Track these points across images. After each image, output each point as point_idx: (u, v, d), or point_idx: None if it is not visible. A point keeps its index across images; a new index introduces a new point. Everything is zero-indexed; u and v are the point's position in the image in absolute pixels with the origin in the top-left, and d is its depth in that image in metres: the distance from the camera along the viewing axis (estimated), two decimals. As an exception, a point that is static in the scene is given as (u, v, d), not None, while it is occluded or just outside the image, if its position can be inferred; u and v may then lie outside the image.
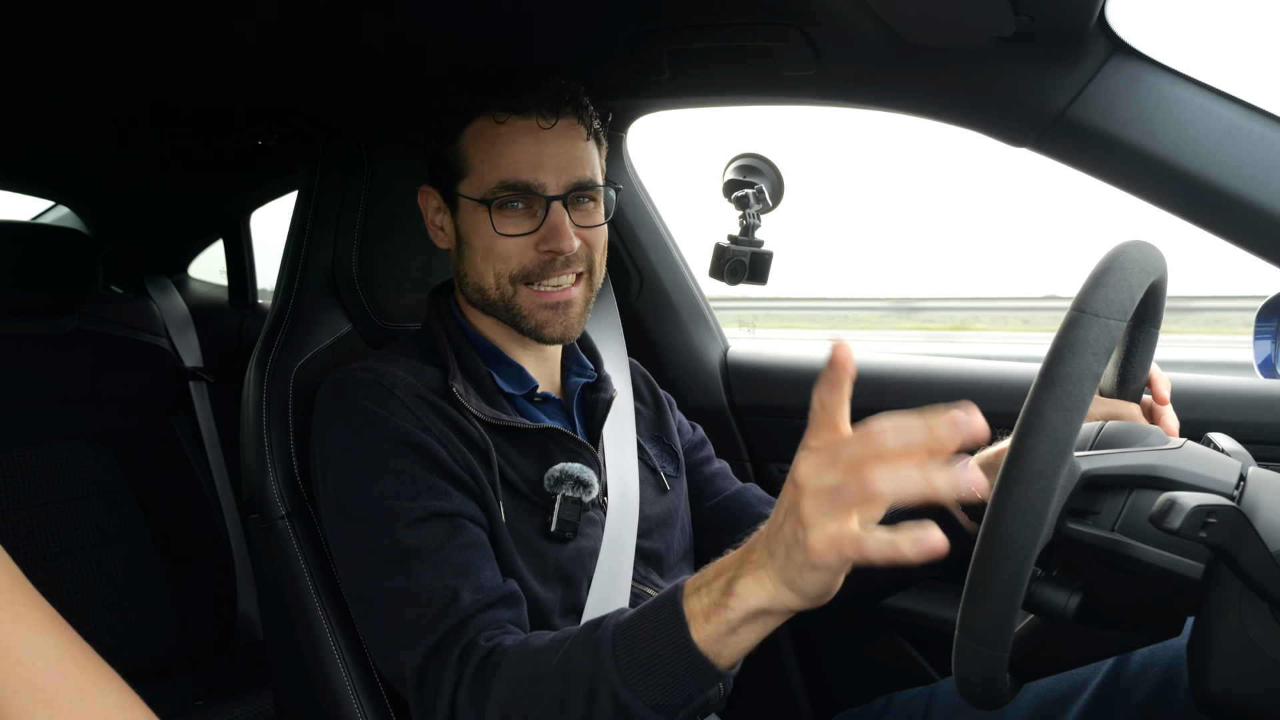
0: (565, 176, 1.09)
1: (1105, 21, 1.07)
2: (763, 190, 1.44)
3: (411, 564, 0.97)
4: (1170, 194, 1.08)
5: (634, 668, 0.81)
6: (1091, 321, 0.70)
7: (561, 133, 1.09)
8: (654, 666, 0.80)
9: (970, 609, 0.71)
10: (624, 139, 1.69)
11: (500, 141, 1.08)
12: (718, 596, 0.76)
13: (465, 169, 1.10)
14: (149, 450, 2.21)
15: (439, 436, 1.04)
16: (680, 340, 1.79)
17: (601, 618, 0.87)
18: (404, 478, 1.01)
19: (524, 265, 1.09)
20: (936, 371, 1.58)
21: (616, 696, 0.81)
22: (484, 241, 1.10)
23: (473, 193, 1.10)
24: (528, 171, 1.07)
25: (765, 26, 1.19)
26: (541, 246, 1.08)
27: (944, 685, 1.24)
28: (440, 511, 1.00)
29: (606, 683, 0.81)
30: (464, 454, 1.05)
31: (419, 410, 1.05)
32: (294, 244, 1.30)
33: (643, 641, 0.81)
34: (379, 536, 0.99)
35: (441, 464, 1.02)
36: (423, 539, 0.98)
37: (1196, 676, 0.72)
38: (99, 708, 0.54)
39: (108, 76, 1.45)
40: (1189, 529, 0.65)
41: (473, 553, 0.99)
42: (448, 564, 0.97)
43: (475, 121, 1.10)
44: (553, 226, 1.08)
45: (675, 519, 1.25)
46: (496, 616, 0.96)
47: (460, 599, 0.94)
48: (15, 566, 0.56)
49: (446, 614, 0.94)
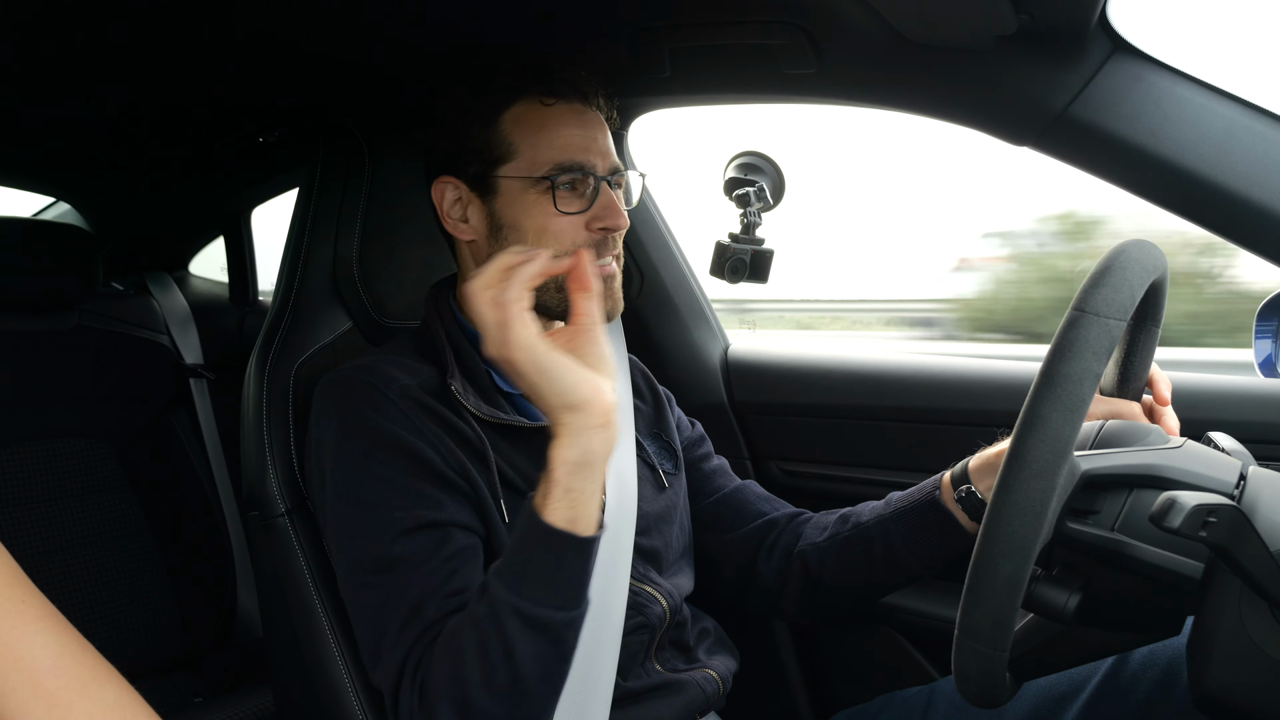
0: (608, 159, 1.12)
1: (1106, 20, 1.06)
2: (764, 188, 1.43)
3: (398, 573, 0.98)
4: (1171, 193, 1.08)
5: (515, 578, 0.88)
6: (1092, 321, 0.70)
7: (597, 118, 1.13)
8: (529, 568, 0.88)
9: (970, 608, 0.71)
10: (625, 137, 1.69)
11: (550, 124, 1.09)
12: (542, 482, 0.90)
13: (510, 152, 1.10)
14: (149, 447, 2.21)
15: (433, 441, 1.04)
16: (681, 338, 1.79)
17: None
18: (395, 486, 1.01)
19: (576, 243, 1.09)
20: (937, 371, 1.58)
21: (518, 612, 0.87)
22: (538, 221, 1.09)
23: (524, 173, 1.09)
24: (580, 153, 1.09)
25: (767, 25, 1.19)
26: (595, 224, 1.10)
27: (943, 684, 1.24)
28: (432, 521, 1.00)
29: (504, 606, 0.87)
30: (459, 458, 1.04)
31: (413, 414, 1.04)
32: (295, 241, 1.30)
33: (513, 556, 0.90)
34: (368, 545, 1.00)
35: (434, 470, 1.02)
36: (411, 549, 0.98)
37: (1196, 676, 0.73)
38: (98, 704, 0.54)
39: (109, 73, 1.45)
40: (1189, 528, 0.64)
41: (458, 562, 1.00)
42: (433, 574, 0.98)
43: (517, 105, 1.10)
44: (606, 205, 1.10)
45: (674, 516, 1.24)
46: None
47: (425, 610, 0.96)
48: (15, 563, 0.56)
49: (415, 618, 0.96)
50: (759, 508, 1.31)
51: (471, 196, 1.13)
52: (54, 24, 1.23)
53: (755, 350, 1.80)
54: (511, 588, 0.88)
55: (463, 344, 1.14)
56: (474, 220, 1.14)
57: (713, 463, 1.38)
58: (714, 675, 1.18)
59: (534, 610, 0.87)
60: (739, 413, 1.75)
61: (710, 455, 1.39)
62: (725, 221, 1.48)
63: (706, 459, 1.38)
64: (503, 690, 0.88)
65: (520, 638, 0.87)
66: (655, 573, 1.18)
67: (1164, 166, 1.06)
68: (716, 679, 1.18)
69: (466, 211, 1.14)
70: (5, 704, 0.51)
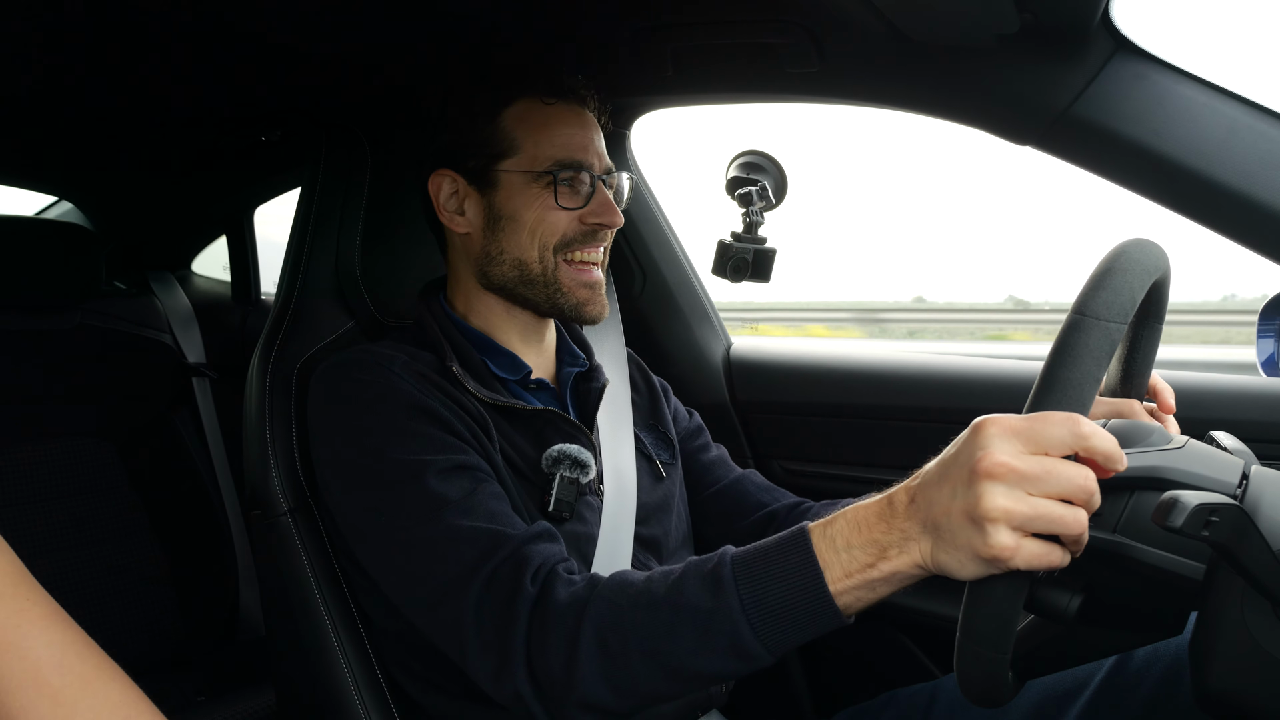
0: (603, 160, 1.17)
1: (1109, 19, 1.06)
2: (766, 187, 1.44)
3: (445, 510, 0.96)
4: (1173, 192, 1.08)
5: (760, 608, 0.80)
6: (1092, 325, 0.70)
7: (592, 120, 1.18)
8: (782, 609, 0.79)
9: (971, 612, 0.71)
10: (628, 135, 1.69)
11: (552, 122, 1.14)
12: (864, 558, 0.76)
13: (511, 147, 1.14)
14: (152, 446, 2.21)
15: (444, 406, 1.05)
16: (683, 337, 1.79)
17: (706, 556, 0.86)
18: (423, 438, 1.01)
19: (566, 235, 1.14)
20: (940, 370, 1.58)
21: (736, 633, 0.80)
22: (536, 214, 1.13)
23: (525, 168, 1.13)
24: (579, 152, 1.14)
25: (770, 24, 1.20)
26: (590, 219, 1.14)
27: (946, 682, 1.24)
28: (465, 464, 1.01)
29: (727, 619, 0.80)
30: (470, 424, 1.06)
31: (421, 385, 1.06)
32: (297, 240, 1.30)
33: (770, 584, 0.80)
34: (405, 491, 0.98)
35: (453, 428, 1.04)
36: (451, 488, 0.98)
37: (1199, 675, 0.72)
38: (103, 702, 0.54)
39: (111, 73, 1.46)
40: (1191, 528, 0.64)
41: (501, 503, 1.00)
42: (479, 510, 0.97)
43: (519, 102, 1.15)
44: (603, 202, 1.15)
45: (672, 505, 1.26)
46: (549, 550, 0.95)
47: (506, 533, 0.94)
48: (19, 561, 0.57)
49: (497, 547, 0.93)
50: (759, 499, 1.31)
51: (469, 190, 1.16)
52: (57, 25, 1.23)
53: (757, 349, 1.80)
54: (747, 611, 0.80)
55: (457, 338, 1.16)
56: (470, 213, 1.17)
57: (712, 453, 1.39)
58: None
59: (752, 644, 0.80)
60: (741, 411, 1.75)
61: (709, 446, 1.39)
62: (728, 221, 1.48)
63: (705, 449, 1.38)
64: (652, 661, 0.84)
65: (716, 649, 0.82)
66: (655, 561, 1.19)
67: (1167, 165, 1.06)
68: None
69: (463, 204, 1.17)
70: (10, 702, 0.51)
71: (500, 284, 1.16)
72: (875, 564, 0.75)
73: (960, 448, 0.72)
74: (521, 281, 1.15)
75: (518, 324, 1.19)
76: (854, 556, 0.77)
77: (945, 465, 0.72)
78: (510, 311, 1.19)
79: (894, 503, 0.76)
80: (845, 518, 0.79)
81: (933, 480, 0.73)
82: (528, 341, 1.21)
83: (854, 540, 0.77)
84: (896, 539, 0.74)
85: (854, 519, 0.78)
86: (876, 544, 0.76)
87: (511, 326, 1.19)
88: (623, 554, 1.13)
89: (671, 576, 0.86)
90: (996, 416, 0.70)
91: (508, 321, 1.19)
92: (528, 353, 1.20)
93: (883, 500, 0.77)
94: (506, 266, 1.15)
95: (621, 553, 1.13)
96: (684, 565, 0.87)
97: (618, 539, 1.13)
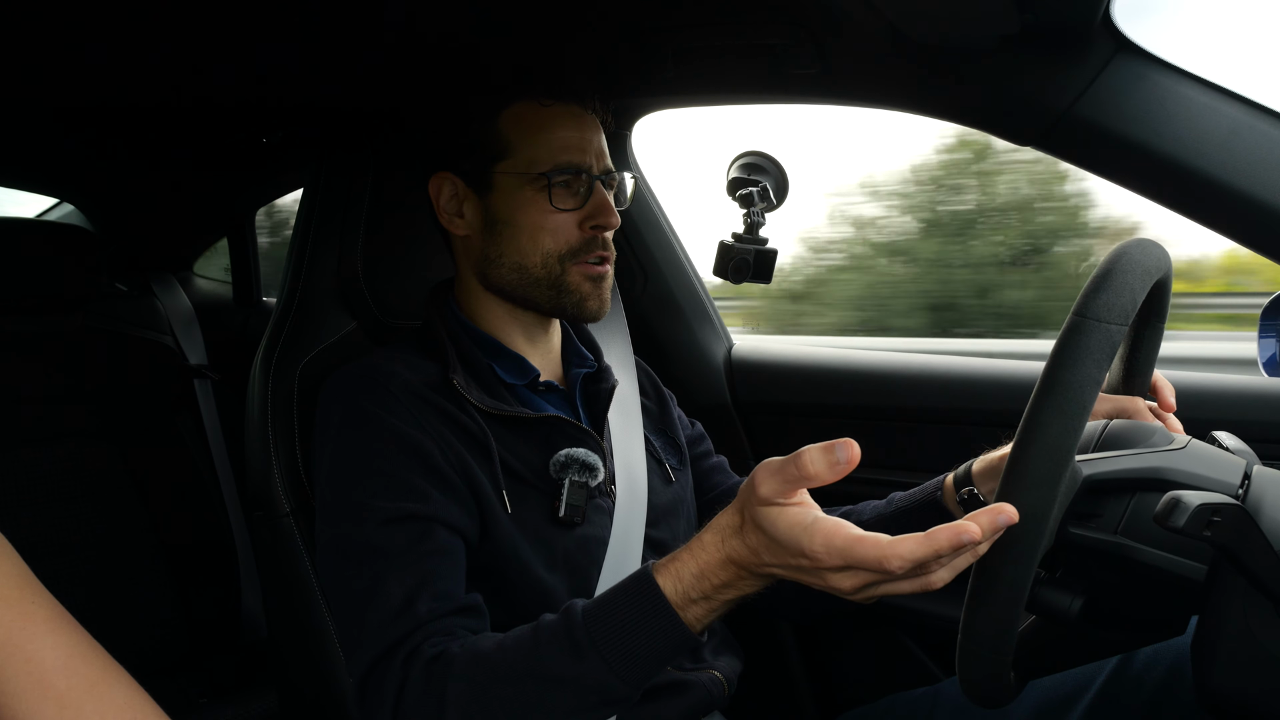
0: (602, 161, 1.16)
1: (1110, 19, 1.06)
2: (767, 188, 1.43)
3: (377, 564, 0.97)
4: (1175, 192, 1.08)
5: (626, 660, 0.85)
6: (1093, 327, 0.70)
7: (592, 121, 1.16)
8: (649, 656, 0.85)
9: (973, 614, 0.71)
10: (629, 137, 1.69)
11: (549, 124, 1.13)
12: (710, 592, 0.83)
13: (507, 149, 1.13)
14: (153, 448, 2.21)
15: (434, 435, 1.04)
16: (684, 337, 1.79)
17: (552, 618, 0.89)
18: (386, 479, 1.01)
19: (570, 242, 1.13)
20: (941, 370, 1.58)
21: (606, 688, 0.85)
22: (533, 218, 1.12)
23: (521, 170, 1.12)
24: (576, 153, 1.13)
25: (770, 25, 1.20)
26: (588, 223, 1.13)
27: (948, 685, 1.24)
28: (414, 514, 0.99)
29: (596, 678, 0.85)
30: (460, 453, 1.05)
31: (415, 408, 1.05)
32: (299, 241, 1.30)
33: (630, 637, 0.85)
34: (351, 533, 1.00)
35: (430, 463, 1.03)
36: (390, 540, 0.98)
37: (1201, 675, 0.72)
38: (108, 704, 0.54)
39: (112, 73, 1.46)
40: (1193, 528, 0.64)
41: (439, 560, 0.99)
42: (412, 568, 0.97)
43: (516, 105, 1.13)
44: (599, 203, 1.13)
45: (681, 510, 1.26)
46: (451, 624, 0.95)
47: (415, 605, 0.94)
48: (24, 563, 0.57)
49: (399, 619, 0.94)
50: None
51: (468, 192, 1.16)
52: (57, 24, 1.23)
53: (759, 350, 1.80)
54: (615, 669, 0.84)
55: (464, 341, 1.16)
56: (469, 215, 1.17)
57: (712, 460, 1.39)
58: (719, 676, 1.18)
59: (621, 690, 0.85)
60: (743, 412, 1.75)
61: (710, 453, 1.40)
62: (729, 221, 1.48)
63: (706, 456, 1.39)
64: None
65: (588, 708, 0.86)
66: None
67: (1168, 165, 1.06)
68: (722, 680, 1.18)
69: (462, 207, 1.17)
70: (16, 705, 0.51)
71: (500, 286, 1.16)
72: (719, 596, 0.84)
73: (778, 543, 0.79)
74: (523, 284, 1.15)
75: (521, 325, 1.19)
76: (702, 595, 0.84)
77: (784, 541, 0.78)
78: (513, 313, 1.18)
79: (735, 551, 0.82)
80: (687, 555, 0.85)
81: (777, 551, 0.79)
82: (533, 342, 1.20)
83: (695, 581, 0.84)
84: (740, 578, 0.83)
85: (692, 556, 0.85)
86: (715, 585, 0.84)
87: (516, 328, 1.19)
88: (633, 557, 1.12)
89: (524, 644, 0.88)
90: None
91: (511, 323, 1.19)
92: (533, 354, 1.20)
93: (724, 559, 0.83)
94: (506, 269, 1.15)
95: (632, 555, 1.12)
96: (533, 629, 0.90)
97: (628, 541, 1.13)
